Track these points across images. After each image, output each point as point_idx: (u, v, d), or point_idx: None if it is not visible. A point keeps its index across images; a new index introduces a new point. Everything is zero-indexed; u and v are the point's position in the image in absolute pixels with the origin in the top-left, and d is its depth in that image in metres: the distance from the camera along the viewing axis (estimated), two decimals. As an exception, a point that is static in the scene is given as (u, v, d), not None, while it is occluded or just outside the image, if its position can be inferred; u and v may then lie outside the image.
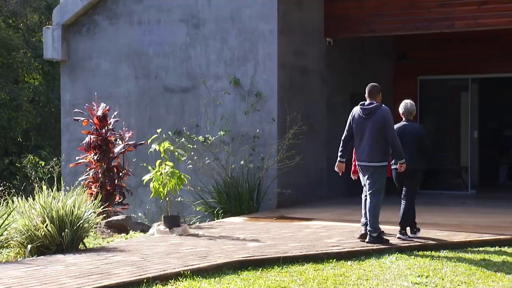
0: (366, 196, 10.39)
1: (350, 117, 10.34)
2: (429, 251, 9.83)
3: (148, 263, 8.61)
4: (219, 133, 14.90)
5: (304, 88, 15.72)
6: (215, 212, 14.16)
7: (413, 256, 9.49)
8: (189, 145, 14.80)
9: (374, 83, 10.48)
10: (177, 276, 8.06)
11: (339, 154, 10.43)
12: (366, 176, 10.33)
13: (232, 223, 12.66)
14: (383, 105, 10.19)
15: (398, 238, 10.50)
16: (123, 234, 11.48)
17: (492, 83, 19.43)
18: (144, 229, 11.98)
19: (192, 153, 14.79)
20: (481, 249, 10.03)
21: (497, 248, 10.06)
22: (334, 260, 9.18)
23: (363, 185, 10.51)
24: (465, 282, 8.04)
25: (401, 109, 10.91)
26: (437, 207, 14.31)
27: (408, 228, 10.75)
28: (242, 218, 13.43)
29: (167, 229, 11.22)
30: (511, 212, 13.77)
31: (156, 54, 16.14)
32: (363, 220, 10.38)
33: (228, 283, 7.96)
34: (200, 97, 15.65)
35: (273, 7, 14.97)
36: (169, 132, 15.16)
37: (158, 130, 12.48)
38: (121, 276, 7.89)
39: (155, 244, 10.16)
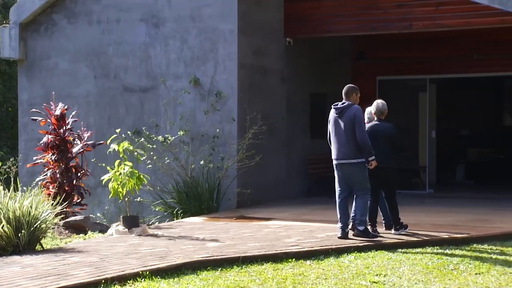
0: (340, 198, 10.60)
1: (329, 119, 10.74)
2: (387, 250, 9.91)
3: (106, 264, 8.56)
4: (178, 133, 14.86)
5: (264, 88, 15.74)
6: (174, 212, 14.12)
7: (371, 255, 9.56)
8: (148, 145, 14.73)
9: (351, 84, 10.83)
10: (135, 276, 8.02)
11: (332, 153, 10.74)
12: (346, 177, 10.53)
13: (191, 223, 12.64)
14: (355, 104, 10.50)
15: (394, 234, 10.82)
16: (81, 235, 11.39)
17: (449, 83, 19.65)
18: (103, 229, 11.90)
19: (152, 153, 14.73)
20: (438, 248, 10.13)
21: (453, 247, 10.17)
22: (293, 259, 9.21)
23: (336, 183, 10.65)
24: (422, 281, 8.11)
25: (373, 108, 11.18)
26: (398, 207, 14.40)
27: (372, 225, 10.97)
28: (201, 218, 13.41)
29: (126, 230, 11.16)
30: (467, 211, 13.94)
31: (115, 54, 16.04)
32: (339, 224, 10.55)
33: (187, 283, 7.95)
34: (160, 96, 15.59)
35: (233, 6, 14.97)
36: (129, 132, 15.08)
37: (117, 130, 12.41)
38: (79, 277, 7.83)
39: (114, 245, 10.10)
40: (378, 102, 11.19)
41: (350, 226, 10.65)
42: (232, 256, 9.04)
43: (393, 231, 11.01)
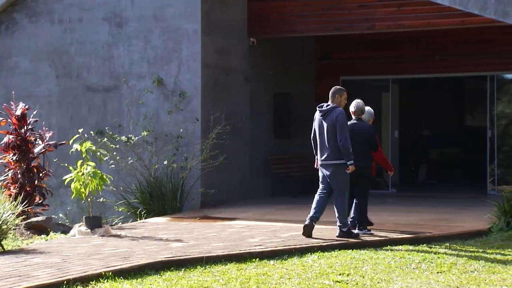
0: (320, 194, 10.81)
1: (314, 119, 10.91)
2: (351, 250, 9.96)
3: (68, 265, 8.49)
4: (142, 133, 14.79)
5: (228, 87, 15.74)
6: (138, 212, 14.06)
7: (334, 255, 9.60)
8: (111, 145, 14.64)
9: (337, 86, 10.96)
10: (98, 277, 7.97)
11: (314, 153, 10.96)
12: (328, 176, 10.71)
13: (155, 224, 12.59)
14: (338, 107, 10.64)
15: (357, 233, 10.90)
16: (43, 236, 11.28)
17: (412, 83, 19.80)
18: (65, 230, 11.80)
19: (115, 153, 14.64)
20: (400, 247, 10.21)
21: (415, 246, 10.26)
22: (257, 259, 9.22)
23: (320, 182, 10.88)
24: (384, 280, 8.17)
25: (352, 107, 11.29)
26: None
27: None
28: (165, 218, 13.37)
29: (89, 230, 11.09)
30: (429, 210, 14.07)
31: (77, 53, 15.92)
32: (310, 214, 10.73)
33: (150, 284, 7.91)
34: (123, 96, 15.51)
35: (197, 6, 14.94)
36: (91, 132, 14.97)
37: (80, 130, 12.31)
38: (41, 278, 7.76)
39: (76, 245, 10.02)
40: (358, 101, 11.27)
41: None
42: (195, 256, 9.03)
43: (356, 230, 11.06)
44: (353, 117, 11.24)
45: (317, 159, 10.94)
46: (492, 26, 14.51)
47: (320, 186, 10.90)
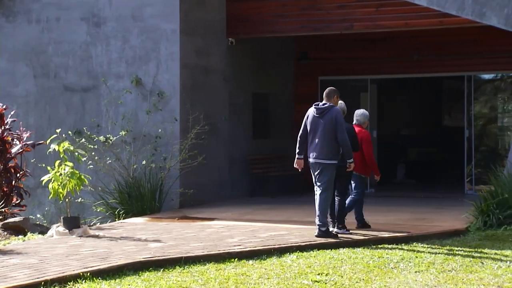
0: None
1: (305, 117, 10.91)
2: (329, 249, 9.98)
3: (46, 265, 8.45)
4: (120, 133, 14.74)
5: (207, 87, 15.72)
6: (116, 212, 14.00)
7: (313, 255, 9.62)
8: (89, 145, 14.58)
9: (332, 87, 11.09)
10: (76, 278, 7.94)
11: (297, 151, 10.93)
12: (316, 174, 10.76)
13: (133, 224, 12.55)
14: (336, 107, 10.76)
15: (335, 232, 10.96)
16: (20, 236, 11.21)
17: (390, 83, 19.88)
18: (43, 230, 11.74)
19: (93, 153, 14.58)
20: (379, 246, 10.25)
21: (394, 246, 10.30)
22: (236, 259, 9.22)
23: (314, 183, 10.93)
24: (363, 279, 8.19)
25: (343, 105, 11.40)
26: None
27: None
28: (144, 218, 13.33)
29: (67, 231, 11.04)
30: (408, 210, 14.13)
31: (55, 53, 15.84)
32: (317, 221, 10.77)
33: (129, 284, 7.89)
34: (101, 96, 15.46)
35: (175, 6, 14.91)
36: (69, 132, 14.89)
37: (58, 130, 12.23)
38: (18, 279, 7.72)
39: (54, 246, 9.97)
40: (341, 102, 11.31)
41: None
42: (174, 257, 9.01)
43: (335, 229, 11.10)
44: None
45: (300, 158, 10.91)
46: (469, 27, 14.60)
47: (316, 188, 10.93)
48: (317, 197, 10.78)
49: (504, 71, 17.08)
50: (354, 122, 11.88)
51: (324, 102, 10.88)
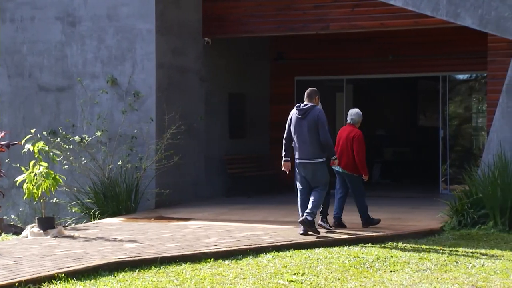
0: (301, 196, 11.00)
1: (288, 120, 11.09)
2: (305, 249, 10.00)
3: (20, 266, 8.39)
4: (96, 133, 14.68)
5: (183, 87, 15.69)
6: (91, 213, 13.95)
7: (289, 255, 9.63)
8: (64, 145, 14.50)
9: (313, 88, 11.26)
10: (50, 279, 7.89)
11: (283, 154, 11.09)
12: (309, 174, 10.88)
13: (109, 224, 12.50)
14: (317, 106, 10.91)
15: (320, 224, 11.30)
16: (-5, 237, 11.14)
17: (366, 83, 19.96)
18: (17, 231, 11.67)
19: (68, 154, 14.51)
20: (355, 246, 10.28)
21: (369, 245, 10.34)
22: (212, 259, 9.21)
23: (298, 183, 11.05)
24: (339, 279, 8.22)
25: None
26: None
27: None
28: (119, 219, 13.29)
29: (41, 231, 10.97)
30: (383, 210, 14.14)
31: (30, 52, 15.74)
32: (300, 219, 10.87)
33: (104, 285, 7.86)
34: (76, 96, 15.38)
35: (151, 5, 14.88)
36: (44, 132, 14.82)
37: (32, 130, 12.18)
38: (-8, 280, 7.66)
39: (28, 247, 9.90)
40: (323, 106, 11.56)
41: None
42: (150, 257, 8.98)
43: (320, 222, 11.39)
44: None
45: (286, 160, 11.04)
46: (444, 27, 14.68)
47: (300, 187, 11.06)
48: (312, 194, 10.87)
49: (478, 71, 17.21)
50: (348, 121, 12.01)
51: (305, 102, 11.00)
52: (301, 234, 10.79)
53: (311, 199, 10.85)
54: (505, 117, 12.32)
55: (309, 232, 10.75)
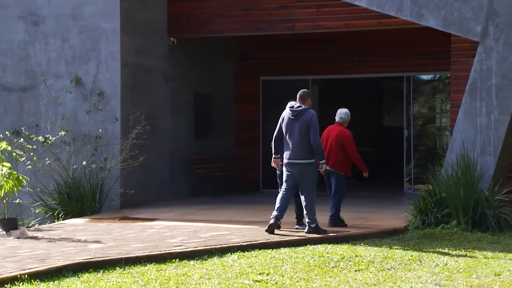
0: (284, 191, 11.26)
1: (280, 119, 11.28)
2: (271, 249, 10.01)
3: (-18, 268, 8.30)
4: (60, 133, 14.57)
5: (148, 87, 15.63)
6: (55, 214, 13.84)
7: (254, 255, 9.64)
8: (28, 146, 14.37)
9: (305, 89, 11.52)
10: (13, 280, 7.82)
11: (273, 152, 11.31)
12: (296, 175, 11.07)
13: (73, 225, 12.42)
14: (310, 109, 11.13)
15: (296, 228, 11.51)
16: (-44, 239, 11.00)
17: (331, 84, 20.03)
18: (-20, 233, 11.53)
19: (32, 154, 14.38)
20: (320, 246, 10.32)
21: (334, 245, 10.38)
22: (177, 260, 9.19)
23: (284, 181, 11.27)
24: (304, 279, 8.24)
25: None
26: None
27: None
28: (84, 219, 13.20)
29: (4, 232, 10.88)
30: (348, 209, 14.13)
31: (-8, 51, 15.59)
32: (274, 213, 11.11)
33: (68, 286, 7.81)
34: (40, 96, 15.25)
35: (116, 5, 14.80)
36: (7, 132, 14.69)
37: (-5, 130, 12.06)
38: (-47, 282, 7.56)
39: (-9, 248, 9.80)
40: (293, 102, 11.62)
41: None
42: (114, 258, 8.94)
43: (296, 226, 11.54)
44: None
45: (276, 157, 11.24)
46: (408, 28, 14.78)
47: (284, 185, 11.26)
48: (303, 197, 11.11)
49: (442, 71, 17.34)
50: (336, 121, 12.22)
51: (298, 104, 11.19)
52: (306, 232, 11.05)
53: (305, 206, 11.08)
54: (468, 117, 12.44)
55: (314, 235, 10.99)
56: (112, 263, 8.78)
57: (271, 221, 11.04)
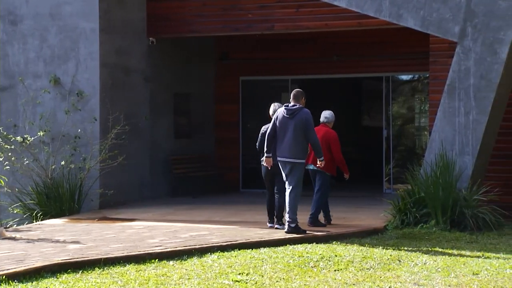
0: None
1: (274, 117, 11.38)
2: (250, 249, 10.01)
3: (-40, 269, 8.23)
4: (38, 133, 14.50)
5: (127, 87, 15.59)
6: (34, 214, 13.77)
7: (234, 255, 9.63)
8: (6, 146, 14.29)
9: (299, 89, 11.66)
10: (-9, 281, 7.76)
11: (265, 150, 11.34)
12: (286, 172, 11.17)
13: (52, 225, 12.35)
14: (305, 108, 11.25)
15: (276, 228, 11.59)
16: None
17: (311, 84, 20.06)
18: (-43, 233, 11.44)
19: (10, 154, 14.30)
20: (299, 246, 10.33)
21: (314, 245, 10.40)
22: (157, 260, 9.16)
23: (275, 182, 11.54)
24: (283, 278, 8.24)
25: (271, 111, 11.91)
26: (259, 206, 14.55)
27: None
28: (62, 220, 13.14)
29: (-18, 233, 10.79)
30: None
31: (-30, 51, 15.48)
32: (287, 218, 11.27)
33: (46, 287, 7.76)
34: (18, 96, 15.16)
35: (94, 4, 14.75)
36: (-15, 132, 14.60)
37: (-27, 130, 11.98)
38: None
39: (-31, 249, 9.73)
40: (275, 104, 11.94)
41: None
42: (93, 258, 8.90)
43: (276, 225, 11.62)
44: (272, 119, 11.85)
45: (268, 156, 11.31)
46: (387, 28, 14.84)
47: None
48: (287, 194, 11.17)
49: (420, 72, 17.44)
50: (322, 121, 12.44)
51: (292, 103, 11.29)
52: (286, 232, 11.08)
53: (288, 204, 11.13)
54: (446, 117, 12.51)
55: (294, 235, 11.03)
56: (91, 263, 8.74)
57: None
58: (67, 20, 14.93)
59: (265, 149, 11.31)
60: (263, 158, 11.39)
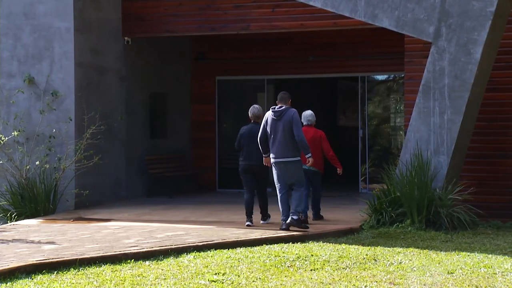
0: (282, 194, 11.59)
1: (263, 121, 11.71)
2: (227, 249, 10.01)
3: None
4: (12, 133, 14.39)
5: (102, 87, 15.52)
6: (8, 215, 13.67)
7: (210, 255, 9.62)
8: (-20, 146, 14.18)
9: (285, 91, 11.93)
10: (-35, 283, 7.70)
11: (262, 152, 11.72)
12: (284, 173, 11.46)
13: (26, 226, 12.27)
14: (291, 108, 11.65)
15: (261, 223, 12.04)
16: None
17: (287, 84, 20.08)
18: None
19: (-16, 154, 14.18)
20: (276, 245, 10.34)
21: (290, 244, 10.41)
22: (132, 260, 9.14)
23: (277, 180, 11.63)
24: (260, 278, 8.25)
25: (249, 112, 12.26)
26: (235, 205, 14.56)
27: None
28: (37, 220, 13.06)
29: (-44, 234, 10.69)
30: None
31: None
32: (282, 217, 11.56)
33: (21, 288, 7.71)
34: (-8, 95, 15.06)
35: (69, 3, 14.68)
36: (-41, 132, 14.47)
37: None
38: None
39: None
40: (255, 106, 12.38)
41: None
42: (69, 259, 8.86)
43: (261, 222, 11.99)
44: (251, 121, 12.20)
45: (266, 156, 11.63)
46: (363, 28, 14.89)
47: (278, 185, 11.68)
48: (293, 191, 11.47)
49: (396, 72, 17.52)
50: (305, 123, 12.65)
51: (279, 105, 11.60)
52: (288, 223, 11.28)
53: (292, 199, 11.41)
54: (421, 117, 12.57)
55: (296, 228, 11.28)
56: (67, 264, 8.70)
57: (282, 227, 11.35)
58: (41, 19, 14.84)
59: (262, 151, 11.63)
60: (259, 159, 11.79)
